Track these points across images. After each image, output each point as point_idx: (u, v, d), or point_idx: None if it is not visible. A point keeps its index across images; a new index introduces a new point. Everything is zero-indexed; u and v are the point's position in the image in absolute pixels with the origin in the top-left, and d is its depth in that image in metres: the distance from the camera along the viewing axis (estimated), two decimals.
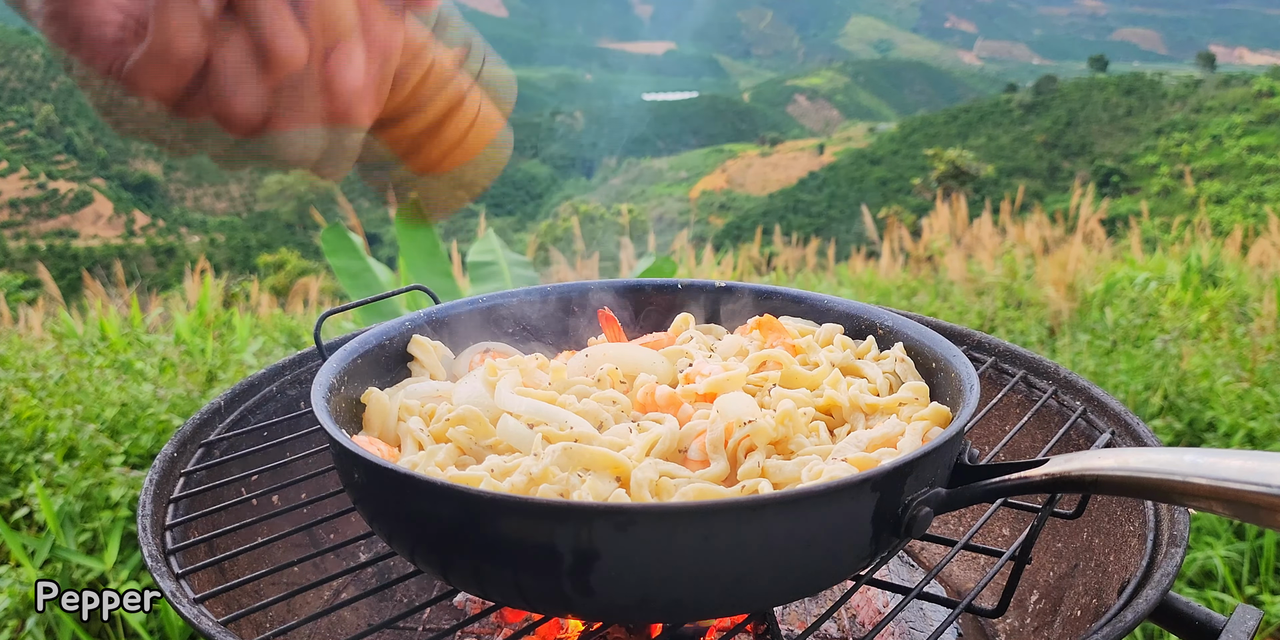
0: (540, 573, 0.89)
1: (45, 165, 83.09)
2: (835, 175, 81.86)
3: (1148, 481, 0.86)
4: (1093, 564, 1.30)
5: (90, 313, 6.19)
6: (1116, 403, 1.38)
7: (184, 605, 1.03)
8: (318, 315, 1.41)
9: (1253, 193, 50.75)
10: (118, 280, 7.32)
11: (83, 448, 3.18)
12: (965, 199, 9.23)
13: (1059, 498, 0.99)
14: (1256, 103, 64.44)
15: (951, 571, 1.62)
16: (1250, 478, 0.80)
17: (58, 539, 2.86)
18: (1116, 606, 1.04)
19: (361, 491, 1.00)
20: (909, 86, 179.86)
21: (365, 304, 1.42)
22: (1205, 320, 5.15)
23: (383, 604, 1.56)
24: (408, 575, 1.10)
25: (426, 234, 4.16)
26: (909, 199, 56.28)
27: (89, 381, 3.83)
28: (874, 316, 1.34)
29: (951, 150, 52.49)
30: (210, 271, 6.92)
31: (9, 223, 73.57)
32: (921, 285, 7.04)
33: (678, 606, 0.93)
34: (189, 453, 1.38)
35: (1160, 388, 4.02)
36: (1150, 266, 6.99)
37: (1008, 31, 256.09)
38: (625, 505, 0.88)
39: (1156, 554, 1.14)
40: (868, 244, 9.60)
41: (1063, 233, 8.20)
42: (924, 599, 1.09)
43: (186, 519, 1.24)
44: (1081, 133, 74.65)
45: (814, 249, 9.76)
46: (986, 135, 78.21)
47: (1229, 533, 3.24)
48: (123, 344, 4.88)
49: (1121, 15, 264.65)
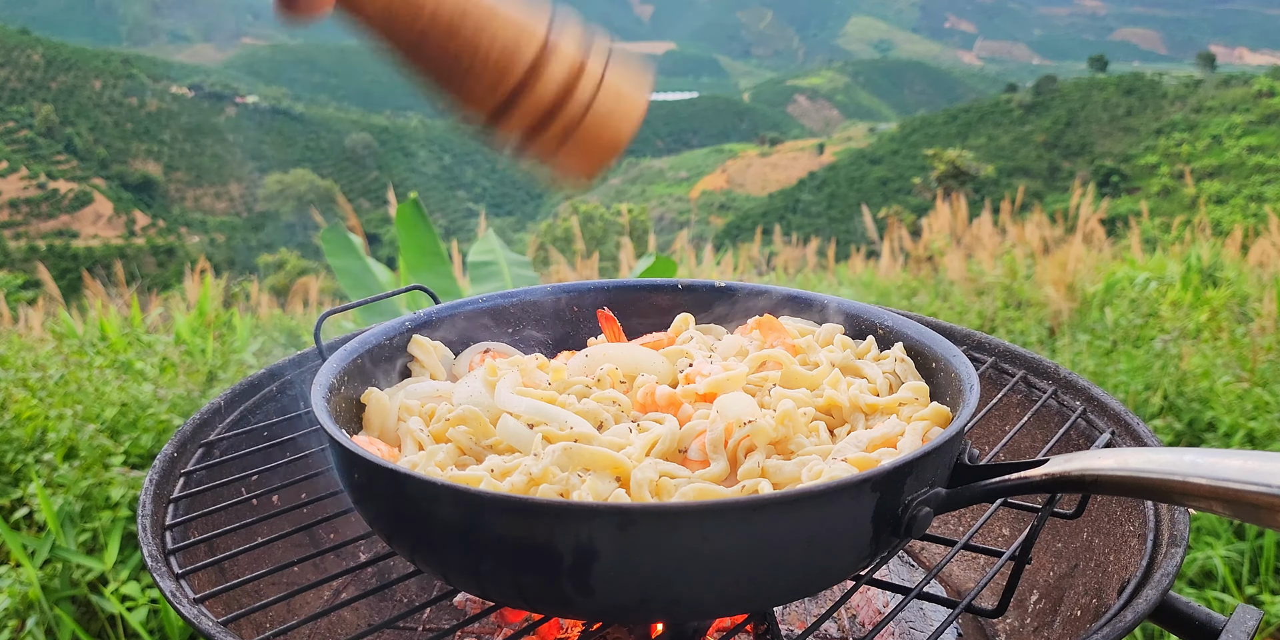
0: (540, 573, 0.89)
1: (45, 165, 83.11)
2: (835, 175, 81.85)
3: (1148, 482, 0.86)
4: (1093, 564, 1.30)
5: (90, 313, 6.19)
6: (1116, 403, 1.38)
7: (184, 605, 1.03)
8: (318, 315, 1.41)
9: (1253, 193, 50.75)
10: (118, 280, 7.32)
11: (83, 448, 3.18)
12: (965, 199, 9.23)
13: (1059, 498, 0.99)
14: (1256, 103, 64.44)
15: (951, 571, 1.61)
16: (1250, 478, 0.80)
17: (58, 539, 2.86)
18: (1116, 606, 1.04)
19: (361, 492, 1.00)
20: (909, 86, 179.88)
21: (365, 304, 1.42)
22: (1205, 320, 5.15)
23: (383, 604, 1.56)
24: (408, 575, 1.10)
25: (426, 234, 4.16)
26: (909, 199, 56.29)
27: (89, 381, 3.83)
28: (874, 316, 1.34)
29: (951, 150, 52.48)
30: (210, 271, 6.92)
31: (9, 223, 73.59)
32: (921, 285, 7.04)
33: (677, 606, 0.93)
34: (189, 453, 1.38)
35: (1160, 388, 4.02)
36: (1150, 266, 6.99)
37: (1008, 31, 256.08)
38: (625, 505, 0.88)
39: (1156, 554, 1.14)
40: (868, 244, 9.60)
41: (1063, 233, 8.20)
42: (924, 599, 1.09)
43: (186, 519, 1.24)
44: (1081, 133, 74.66)
45: (814, 249, 9.76)
46: (986, 135, 78.21)
47: (1229, 533, 3.24)
48: (123, 344, 4.87)
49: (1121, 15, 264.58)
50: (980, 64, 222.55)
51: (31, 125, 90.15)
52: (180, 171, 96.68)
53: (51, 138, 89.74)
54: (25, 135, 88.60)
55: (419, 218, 4.20)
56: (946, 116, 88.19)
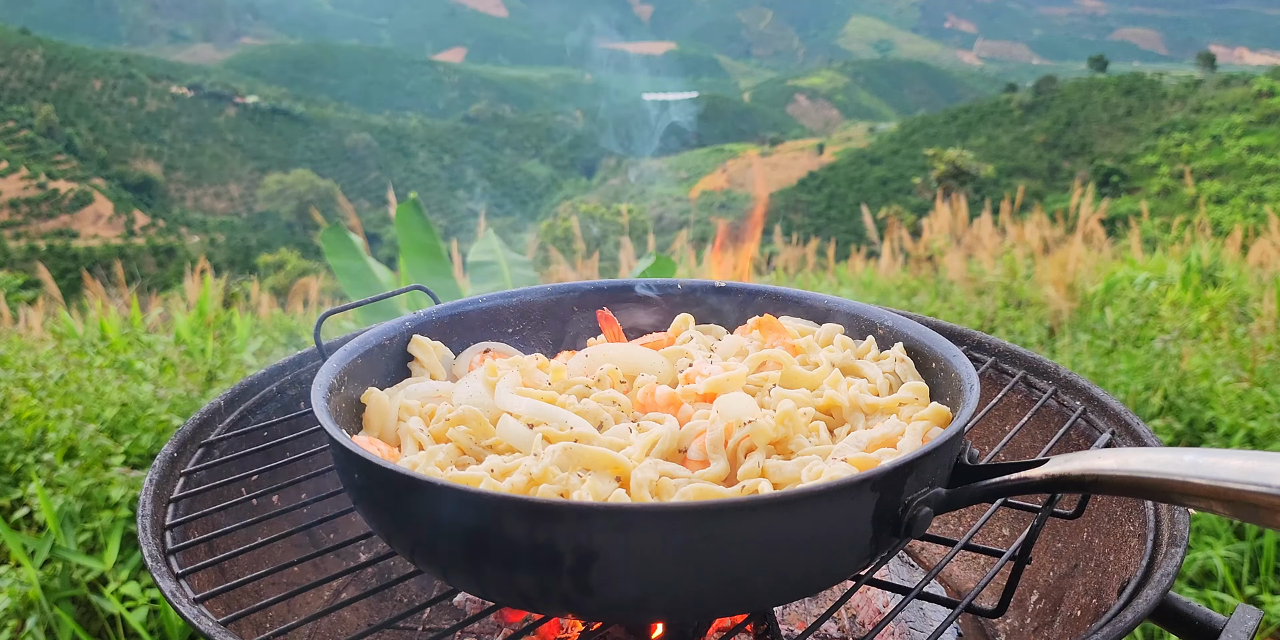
0: (540, 573, 0.89)
1: (45, 165, 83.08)
2: (835, 175, 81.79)
3: (1148, 482, 0.86)
4: (1093, 564, 1.30)
5: (90, 313, 6.20)
6: (1116, 403, 1.38)
7: (184, 605, 1.03)
8: (318, 315, 1.41)
9: (1253, 193, 50.71)
10: (118, 280, 7.32)
11: (83, 448, 3.18)
12: (965, 199, 9.23)
13: (1059, 498, 0.99)
14: (1256, 103, 64.39)
15: (951, 571, 1.61)
16: (1250, 478, 0.80)
17: (58, 539, 2.86)
18: (1116, 606, 1.04)
19: (362, 491, 1.01)
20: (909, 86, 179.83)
21: (365, 304, 1.42)
22: (1205, 320, 5.15)
23: (383, 604, 1.56)
24: (408, 575, 1.10)
25: (427, 234, 4.17)
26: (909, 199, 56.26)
27: (89, 381, 3.83)
28: (874, 316, 1.34)
29: (951, 150, 52.46)
30: (210, 271, 6.92)
31: (9, 223, 73.54)
32: (921, 285, 7.04)
33: (677, 606, 0.93)
34: (189, 453, 1.38)
35: (1160, 388, 4.02)
36: (1150, 266, 6.99)
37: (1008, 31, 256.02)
38: (625, 505, 0.88)
39: (1156, 554, 1.14)
40: (868, 244, 9.60)
41: (1063, 233, 8.20)
42: (924, 599, 1.09)
43: (186, 519, 1.24)
44: (1081, 133, 74.61)
45: (814, 249, 9.75)
46: (986, 135, 78.18)
47: (1229, 533, 3.24)
48: (123, 344, 4.87)
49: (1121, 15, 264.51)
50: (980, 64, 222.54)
51: (31, 125, 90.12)
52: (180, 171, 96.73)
53: (51, 138, 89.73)
54: (25, 135, 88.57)
55: (419, 217, 4.20)
56: (946, 116, 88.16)
